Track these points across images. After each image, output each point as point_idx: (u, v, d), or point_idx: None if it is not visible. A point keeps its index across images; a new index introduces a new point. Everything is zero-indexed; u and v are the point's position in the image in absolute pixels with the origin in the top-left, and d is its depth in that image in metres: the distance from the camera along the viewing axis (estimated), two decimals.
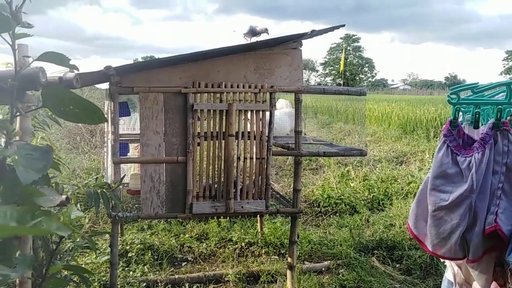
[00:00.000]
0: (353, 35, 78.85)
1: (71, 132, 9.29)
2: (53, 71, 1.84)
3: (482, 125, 1.84)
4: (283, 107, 16.13)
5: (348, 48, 75.50)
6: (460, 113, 1.97)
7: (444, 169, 1.81)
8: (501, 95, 1.85)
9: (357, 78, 75.21)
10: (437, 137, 9.80)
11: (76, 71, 1.56)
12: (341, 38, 78.46)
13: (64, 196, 1.82)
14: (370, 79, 79.34)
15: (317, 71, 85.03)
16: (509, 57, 65.72)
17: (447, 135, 1.85)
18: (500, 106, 1.75)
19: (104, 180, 3.24)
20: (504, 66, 66.34)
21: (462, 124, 1.91)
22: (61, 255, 2.61)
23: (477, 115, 1.84)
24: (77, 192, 2.64)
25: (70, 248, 2.58)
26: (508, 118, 1.79)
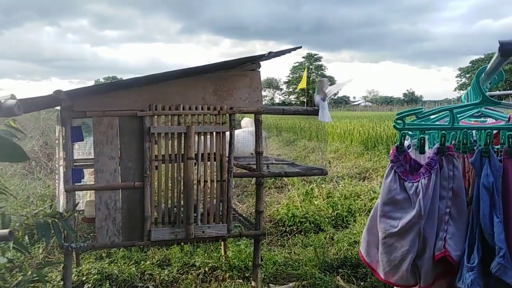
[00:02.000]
0: (315, 54, 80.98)
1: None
2: None
3: (430, 148, 1.87)
4: (248, 125, 16.22)
5: (311, 67, 77.30)
6: (408, 138, 1.99)
7: (392, 195, 1.81)
8: (447, 119, 1.88)
9: None
10: None
11: (16, 99, 1.48)
12: (303, 57, 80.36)
13: (6, 230, 1.69)
14: (332, 96, 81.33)
15: (281, 89, 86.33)
16: (461, 74, 69.26)
17: (394, 161, 1.85)
18: (444, 131, 1.77)
19: (56, 209, 3.08)
20: (458, 83, 69.79)
21: (410, 149, 1.93)
22: None
23: (422, 140, 1.85)
24: (26, 223, 2.48)
25: (16, 284, 2.40)
26: (453, 142, 1.83)
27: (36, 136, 9.57)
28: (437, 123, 1.88)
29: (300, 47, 3.02)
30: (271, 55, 2.83)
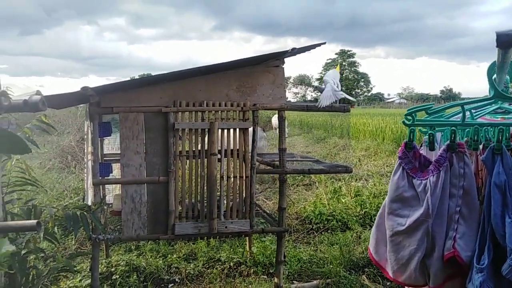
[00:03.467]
0: (348, 51, 79.66)
1: (64, 151, 9.25)
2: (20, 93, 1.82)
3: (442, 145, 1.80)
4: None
5: (344, 63, 76.21)
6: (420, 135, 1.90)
7: (400, 193, 1.77)
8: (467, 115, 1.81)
9: (353, 92, 75.68)
10: None
11: (42, 95, 1.54)
12: (336, 54, 79.30)
13: (34, 221, 1.77)
14: (366, 93, 79.83)
15: (313, 86, 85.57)
16: None
17: (402, 158, 1.81)
18: (453, 128, 1.71)
19: (85, 202, 3.19)
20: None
21: (421, 145, 1.87)
22: (39, 279, 2.54)
23: (431, 137, 1.80)
24: (56, 215, 2.59)
25: (47, 272, 2.51)
26: (466, 139, 1.76)
27: (73, 131, 9.95)
28: (451, 119, 1.81)
29: (324, 43, 2.99)
30: (294, 51, 2.82)
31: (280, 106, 2.98)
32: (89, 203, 2.78)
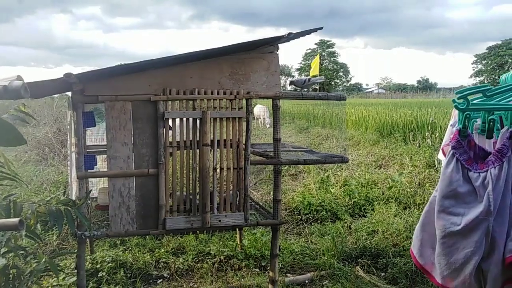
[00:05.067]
0: (328, 41, 79.71)
1: (40, 143, 8.90)
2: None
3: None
4: (261, 113, 16.03)
5: (323, 53, 76.33)
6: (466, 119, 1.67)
7: (454, 188, 1.56)
8: None
9: (333, 83, 76.02)
10: (415, 140, 9.83)
11: (23, 81, 1.38)
12: (315, 43, 79.26)
13: (17, 220, 1.61)
14: (345, 83, 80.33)
15: (293, 76, 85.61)
16: (478, 61, 67.65)
17: (456, 147, 1.59)
18: None
19: (69, 196, 3.01)
20: (474, 69, 68.22)
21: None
22: (20, 280, 2.37)
23: (491, 123, 1.58)
24: (38, 211, 2.41)
25: (29, 273, 2.34)
26: None
27: (49, 122, 9.58)
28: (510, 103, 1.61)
29: (321, 28, 2.86)
30: (290, 36, 2.68)
31: (275, 94, 2.86)
32: (74, 197, 2.60)
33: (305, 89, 3.23)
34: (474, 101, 1.65)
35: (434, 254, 1.67)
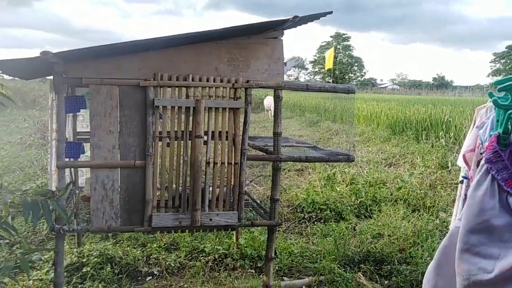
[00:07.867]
0: (343, 34, 78.49)
1: (45, 126, 8.77)
2: None
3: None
4: (271, 105, 15.75)
5: (338, 46, 75.29)
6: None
7: (487, 219, 1.12)
8: None
9: (346, 77, 75.06)
10: (428, 139, 9.48)
11: None
12: (331, 36, 78.27)
13: None
14: (359, 78, 79.27)
15: (306, 69, 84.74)
16: (496, 59, 66.13)
17: (492, 161, 1.13)
18: None
19: (48, 187, 2.82)
20: (492, 68, 66.73)
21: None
22: None
23: None
24: (12, 202, 2.21)
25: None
26: None
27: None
28: None
29: (330, 12, 2.59)
30: (296, 20, 2.42)
31: (277, 84, 2.61)
32: (53, 188, 2.40)
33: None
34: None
35: None
